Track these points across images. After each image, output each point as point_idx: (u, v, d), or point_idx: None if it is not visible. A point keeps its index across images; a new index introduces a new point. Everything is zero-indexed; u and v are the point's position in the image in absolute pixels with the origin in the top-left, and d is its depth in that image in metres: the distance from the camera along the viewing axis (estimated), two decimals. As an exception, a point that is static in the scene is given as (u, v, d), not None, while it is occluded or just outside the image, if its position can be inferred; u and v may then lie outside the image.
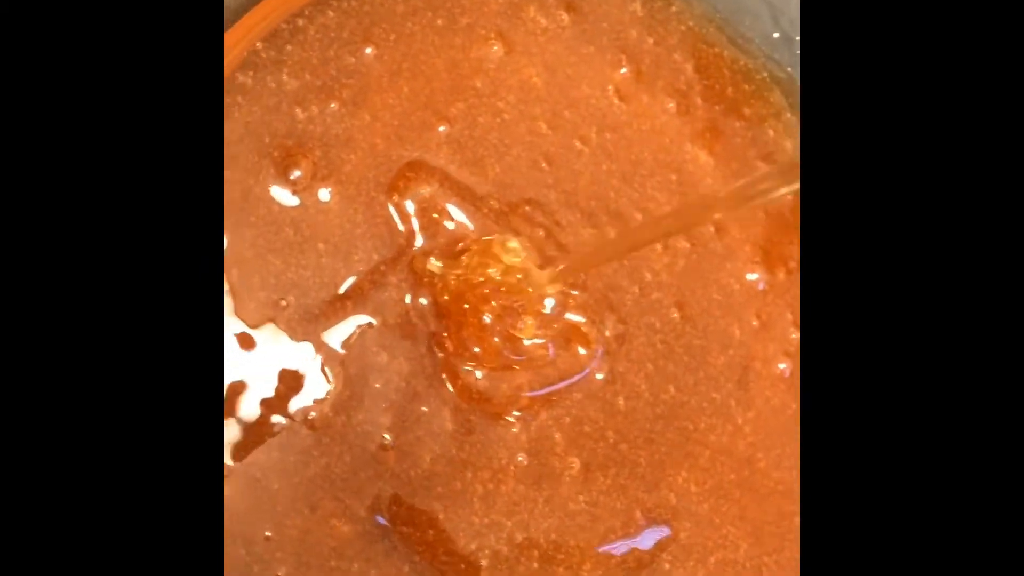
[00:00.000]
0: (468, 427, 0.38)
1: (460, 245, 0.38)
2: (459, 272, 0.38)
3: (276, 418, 0.38)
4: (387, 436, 0.38)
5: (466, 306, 0.38)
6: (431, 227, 0.39)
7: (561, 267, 0.38)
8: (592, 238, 0.39)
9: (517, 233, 0.39)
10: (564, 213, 0.39)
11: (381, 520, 0.38)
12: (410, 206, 0.39)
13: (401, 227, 0.39)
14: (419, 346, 0.38)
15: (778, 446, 0.40)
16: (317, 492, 0.37)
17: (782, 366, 0.41)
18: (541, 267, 0.38)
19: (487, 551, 0.38)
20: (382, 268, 0.38)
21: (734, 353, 0.41)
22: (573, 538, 0.38)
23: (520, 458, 0.38)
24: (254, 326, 0.38)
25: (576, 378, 0.39)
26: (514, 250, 0.37)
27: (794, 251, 0.41)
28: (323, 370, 0.38)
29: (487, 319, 0.38)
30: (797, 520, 0.40)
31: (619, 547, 0.38)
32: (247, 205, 0.38)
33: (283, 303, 0.38)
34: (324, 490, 0.38)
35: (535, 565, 0.38)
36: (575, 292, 0.39)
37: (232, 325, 0.38)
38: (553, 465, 0.39)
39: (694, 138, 0.41)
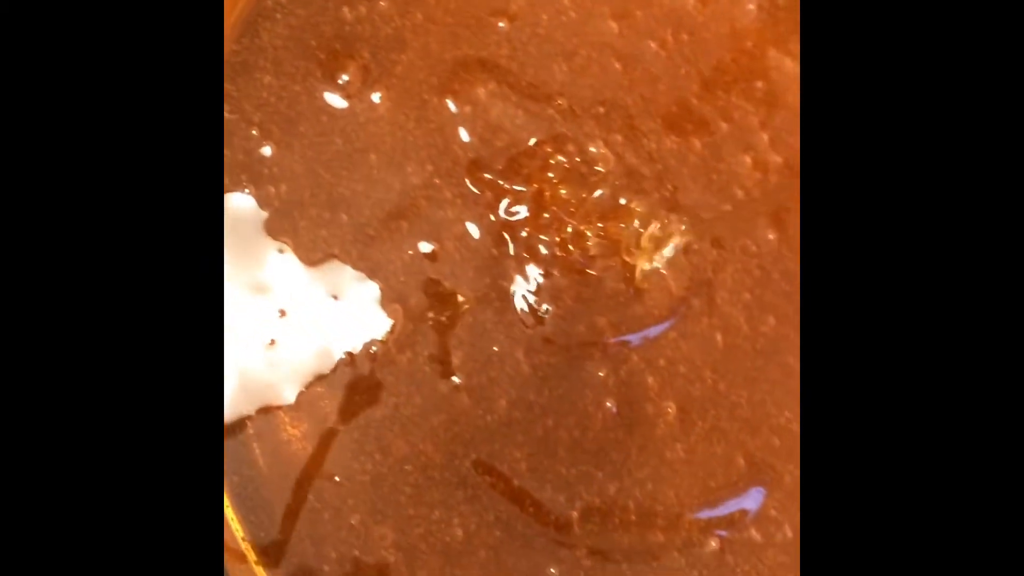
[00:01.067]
0: (546, 370, 0.35)
1: (523, 149, 0.35)
2: (520, 187, 0.35)
3: (337, 354, 0.35)
4: (456, 377, 0.35)
5: (524, 232, 0.35)
6: (488, 132, 0.36)
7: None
8: (677, 147, 0.35)
9: (591, 137, 0.35)
10: (643, 119, 0.36)
11: (459, 467, 0.35)
12: (466, 109, 0.36)
13: (456, 133, 0.36)
14: (483, 275, 0.35)
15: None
16: (387, 435, 0.35)
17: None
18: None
19: (578, 503, 0.35)
20: (436, 182, 0.36)
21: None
22: (671, 488, 0.35)
23: (608, 404, 0.35)
24: (306, 248, 0.35)
25: (665, 325, 0.35)
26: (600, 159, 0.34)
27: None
28: (382, 301, 0.35)
29: (544, 249, 0.35)
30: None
31: (721, 494, 0.35)
32: (294, 114, 0.36)
33: (335, 222, 0.36)
34: (394, 433, 0.35)
35: (632, 517, 0.35)
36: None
37: (282, 245, 0.36)
38: (646, 411, 0.35)
39: (777, 43, 0.37)
